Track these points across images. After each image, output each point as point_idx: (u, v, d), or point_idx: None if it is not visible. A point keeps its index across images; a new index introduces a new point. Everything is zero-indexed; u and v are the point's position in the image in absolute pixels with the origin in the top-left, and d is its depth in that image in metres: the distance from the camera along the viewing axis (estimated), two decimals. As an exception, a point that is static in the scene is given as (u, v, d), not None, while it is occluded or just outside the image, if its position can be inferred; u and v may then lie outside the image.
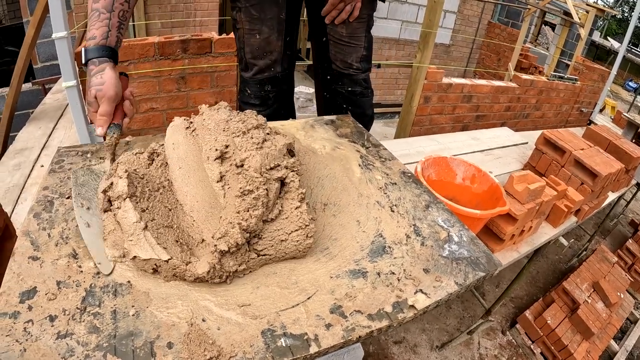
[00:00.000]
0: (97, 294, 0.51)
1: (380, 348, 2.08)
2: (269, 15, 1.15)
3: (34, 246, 0.58)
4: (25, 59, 2.10)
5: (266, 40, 1.19)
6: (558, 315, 2.25)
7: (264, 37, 1.18)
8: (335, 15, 1.14)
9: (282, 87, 1.34)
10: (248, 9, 1.15)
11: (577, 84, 3.68)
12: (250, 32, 1.18)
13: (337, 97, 1.36)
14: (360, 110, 1.35)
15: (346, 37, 1.21)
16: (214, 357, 0.45)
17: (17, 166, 1.79)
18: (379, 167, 0.84)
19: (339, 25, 1.18)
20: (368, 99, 1.39)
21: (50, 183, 0.72)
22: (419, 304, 0.56)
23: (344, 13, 1.14)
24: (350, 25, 1.19)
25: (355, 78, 1.31)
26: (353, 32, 1.21)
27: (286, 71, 1.31)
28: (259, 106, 1.32)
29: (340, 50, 1.25)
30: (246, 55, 1.24)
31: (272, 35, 1.18)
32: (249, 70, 1.27)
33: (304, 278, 0.57)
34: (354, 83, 1.32)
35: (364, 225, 0.68)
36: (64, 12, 1.52)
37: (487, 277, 0.64)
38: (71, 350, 0.45)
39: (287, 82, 1.37)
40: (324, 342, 0.50)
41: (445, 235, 0.68)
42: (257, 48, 1.21)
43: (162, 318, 0.48)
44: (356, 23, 1.19)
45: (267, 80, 1.28)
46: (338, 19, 1.16)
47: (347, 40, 1.22)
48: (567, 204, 1.67)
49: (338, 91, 1.34)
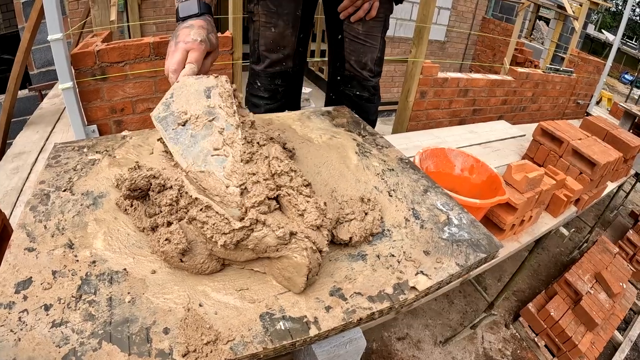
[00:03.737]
0: (92, 282, 0.50)
1: (383, 345, 2.07)
2: (285, 10, 1.17)
3: (30, 238, 0.58)
4: (21, 63, 2.10)
5: (281, 34, 1.20)
6: (561, 307, 2.24)
7: (279, 31, 1.19)
8: (352, 12, 1.14)
9: (291, 82, 1.34)
10: (266, 3, 1.16)
11: (573, 76, 3.69)
12: (266, 25, 1.19)
13: (343, 99, 1.35)
14: (364, 114, 1.35)
15: (362, 34, 1.21)
16: (212, 342, 0.44)
17: (15, 170, 1.78)
18: (376, 154, 0.83)
19: (355, 23, 1.18)
20: (374, 105, 1.38)
21: (46, 177, 0.71)
22: (420, 285, 0.55)
23: (361, 11, 1.13)
24: (366, 23, 1.18)
25: (365, 83, 1.30)
26: (369, 31, 1.20)
27: (297, 67, 1.32)
28: (268, 99, 1.33)
29: (356, 48, 1.24)
30: (260, 48, 1.25)
31: (287, 30, 1.20)
32: (261, 63, 1.27)
33: (303, 262, 0.56)
34: (362, 88, 1.31)
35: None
36: (59, 14, 1.52)
37: (488, 258, 0.63)
38: (66, 338, 0.44)
39: (297, 79, 1.37)
40: (324, 324, 0.49)
41: (445, 218, 0.67)
42: (271, 41, 1.22)
43: (159, 304, 0.48)
44: (373, 22, 1.19)
45: (278, 74, 1.28)
46: (355, 17, 1.15)
47: (364, 38, 1.21)
48: (567, 193, 1.66)
49: (345, 93, 1.34)
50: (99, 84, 1.75)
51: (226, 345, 0.44)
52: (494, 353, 2.16)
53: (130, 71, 1.77)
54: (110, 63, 1.72)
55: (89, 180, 0.69)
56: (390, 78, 4.96)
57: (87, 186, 0.68)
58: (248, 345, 0.44)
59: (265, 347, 0.44)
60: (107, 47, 1.69)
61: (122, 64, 1.74)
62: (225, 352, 0.43)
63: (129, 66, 1.76)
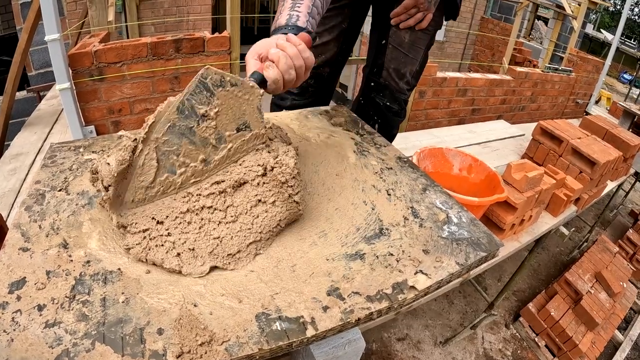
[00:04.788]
0: (86, 282, 0.50)
1: (383, 345, 2.06)
2: (332, 23, 1.17)
3: (24, 238, 0.57)
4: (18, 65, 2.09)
5: (324, 45, 1.21)
6: (561, 307, 2.24)
7: (322, 42, 1.20)
8: (404, 19, 1.12)
9: (323, 85, 1.33)
10: None
11: (572, 76, 3.69)
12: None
13: (371, 106, 1.32)
14: (388, 128, 1.33)
15: (407, 44, 1.18)
16: (206, 343, 0.43)
17: (12, 171, 1.78)
18: (374, 153, 0.83)
19: (402, 31, 1.16)
20: (399, 120, 1.35)
21: (42, 177, 0.71)
22: (420, 285, 0.55)
23: (412, 20, 1.11)
24: (414, 33, 1.16)
25: (398, 96, 1.28)
26: (415, 42, 1.18)
27: (333, 73, 1.32)
28: (296, 95, 1.31)
29: (397, 57, 1.21)
30: None
31: (331, 43, 1.21)
32: None
33: (300, 261, 0.56)
34: (394, 100, 1.29)
35: (360, 208, 0.66)
36: (56, 15, 1.52)
37: (488, 257, 0.63)
38: (59, 338, 0.43)
39: (330, 82, 1.37)
40: (321, 324, 0.48)
41: (444, 217, 0.67)
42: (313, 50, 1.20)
43: (153, 304, 0.47)
44: (421, 34, 1.17)
45: (312, 75, 1.25)
46: (405, 24, 1.13)
47: (407, 48, 1.19)
48: (567, 192, 1.66)
49: (375, 101, 1.31)
50: (96, 84, 1.74)
51: (221, 346, 0.43)
52: (495, 353, 2.15)
53: (128, 71, 1.76)
54: (108, 63, 1.72)
55: (85, 180, 0.69)
56: (389, 78, 4.95)
57: (82, 186, 0.67)
58: (243, 346, 0.43)
59: (261, 348, 0.44)
60: (104, 47, 1.69)
61: (119, 65, 1.73)
62: (220, 353, 0.43)
63: (127, 66, 1.75)
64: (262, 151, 0.61)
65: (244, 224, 0.56)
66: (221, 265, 0.53)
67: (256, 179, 0.58)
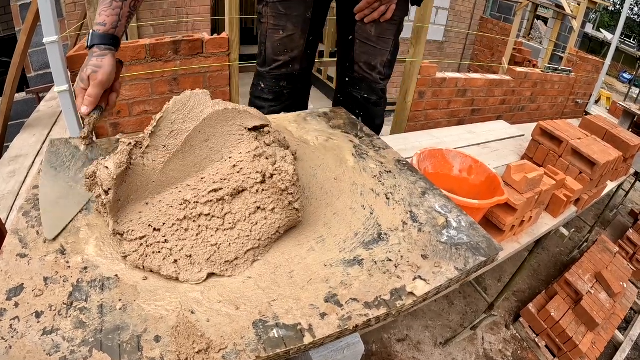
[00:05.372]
0: (84, 289, 0.49)
1: (383, 347, 2.06)
2: (295, 13, 1.14)
3: (22, 244, 0.57)
4: (18, 66, 2.10)
5: (289, 37, 1.18)
6: (562, 307, 2.23)
7: (287, 34, 1.17)
8: (367, 13, 1.11)
9: (297, 85, 1.32)
10: (275, 5, 1.13)
11: (572, 76, 3.68)
12: (274, 27, 1.16)
13: (351, 101, 1.32)
14: (370, 118, 1.33)
15: (374, 37, 1.18)
16: (203, 350, 0.43)
17: (11, 173, 1.78)
18: (373, 156, 0.83)
19: (368, 25, 1.15)
20: (381, 109, 1.35)
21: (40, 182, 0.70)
22: (418, 291, 0.54)
23: (376, 13, 1.11)
24: (380, 25, 1.16)
25: (374, 86, 1.28)
26: (382, 34, 1.18)
27: (304, 70, 1.30)
28: (272, 101, 1.30)
29: (366, 51, 1.21)
30: (267, 51, 1.22)
31: (296, 34, 1.17)
32: (267, 66, 1.25)
33: (297, 267, 0.55)
34: (371, 91, 1.28)
35: (359, 213, 0.66)
36: (54, 17, 1.51)
37: (488, 262, 0.62)
38: (57, 346, 0.43)
39: (303, 80, 1.35)
40: (318, 332, 0.48)
41: (443, 221, 0.67)
42: (278, 44, 1.19)
43: (150, 311, 0.47)
44: (387, 25, 1.16)
45: (283, 76, 1.26)
46: (369, 18, 1.12)
47: (375, 41, 1.19)
48: (567, 193, 1.65)
49: (354, 95, 1.31)
50: (95, 86, 1.73)
51: (218, 354, 0.43)
52: (495, 354, 2.15)
53: (127, 73, 1.76)
54: (107, 65, 1.71)
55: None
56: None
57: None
58: (241, 353, 0.43)
59: (258, 356, 0.43)
60: (103, 49, 1.68)
61: (118, 66, 1.73)
62: (218, 361, 0.43)
63: (125, 68, 1.75)
64: (249, 143, 0.62)
65: (242, 230, 0.56)
66: (218, 272, 0.53)
67: (255, 186, 0.58)
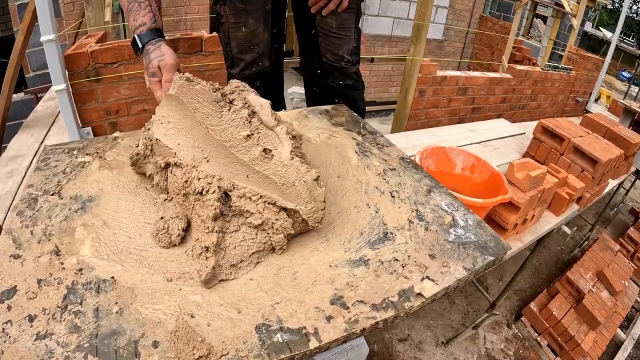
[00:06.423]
0: (79, 291, 0.48)
1: (384, 346, 2.04)
2: (254, 7, 1.12)
3: (15, 244, 0.55)
4: (15, 66, 2.07)
5: (252, 32, 1.16)
6: (563, 306, 2.22)
7: (250, 30, 1.15)
8: (322, 5, 1.11)
9: (270, 82, 1.30)
10: (233, 2, 1.11)
11: (572, 74, 3.67)
12: (235, 25, 1.15)
13: (328, 91, 1.32)
14: (352, 103, 1.32)
15: (336, 28, 1.18)
16: (204, 356, 0.41)
17: (9, 173, 1.75)
18: (377, 153, 0.81)
19: (327, 16, 1.15)
20: (359, 92, 1.35)
21: (35, 181, 0.69)
22: (427, 292, 0.52)
23: (332, 3, 1.10)
24: (339, 16, 1.15)
25: (347, 71, 1.27)
26: (342, 23, 1.18)
27: (274, 65, 1.28)
28: None
29: (331, 42, 1.21)
30: (232, 51, 1.21)
31: (259, 28, 1.15)
32: (236, 67, 1.24)
33: (301, 268, 0.54)
34: (345, 76, 1.28)
35: (364, 211, 0.64)
36: (51, 16, 1.49)
37: (496, 261, 0.61)
38: (50, 351, 0.41)
39: (276, 76, 1.33)
40: (324, 336, 0.46)
41: (450, 220, 0.65)
42: (243, 42, 1.18)
43: (148, 315, 0.45)
44: (345, 14, 1.16)
45: (255, 75, 1.24)
46: (326, 10, 1.12)
47: (337, 31, 1.19)
48: (569, 191, 1.64)
49: (329, 85, 1.31)
50: (93, 85, 1.71)
51: (220, 360, 0.41)
52: (497, 353, 2.14)
53: (125, 72, 1.74)
54: (105, 64, 1.69)
55: (78, 183, 0.67)
56: (388, 77, 4.93)
57: (76, 190, 0.65)
58: (243, 359, 0.41)
59: (262, 361, 0.42)
60: (101, 47, 1.66)
61: (116, 65, 1.71)
62: (220, 367, 0.41)
63: (124, 67, 1.73)
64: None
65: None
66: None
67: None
